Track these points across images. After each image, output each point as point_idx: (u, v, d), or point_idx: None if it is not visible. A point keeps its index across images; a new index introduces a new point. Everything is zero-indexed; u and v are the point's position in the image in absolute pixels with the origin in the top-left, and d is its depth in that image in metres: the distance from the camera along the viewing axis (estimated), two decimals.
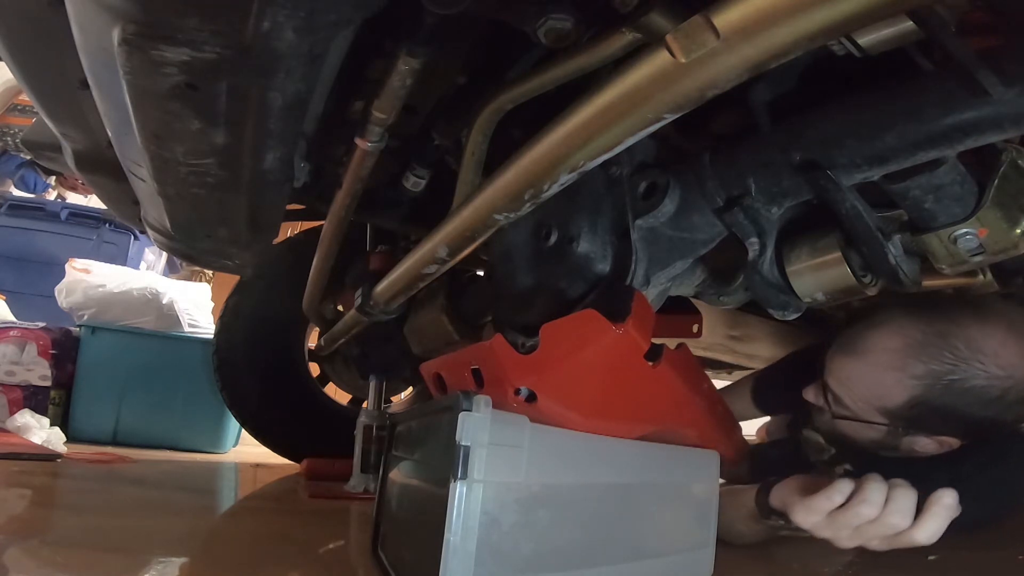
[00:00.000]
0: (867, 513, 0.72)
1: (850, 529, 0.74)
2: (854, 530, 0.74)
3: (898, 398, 0.91)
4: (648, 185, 0.73)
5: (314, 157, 0.95)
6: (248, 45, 0.49)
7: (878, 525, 0.72)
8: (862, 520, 0.73)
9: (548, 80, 0.67)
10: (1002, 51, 0.49)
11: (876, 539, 0.74)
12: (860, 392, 0.95)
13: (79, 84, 0.76)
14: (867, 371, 0.94)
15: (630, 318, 0.65)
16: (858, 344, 0.96)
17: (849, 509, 0.73)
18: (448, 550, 0.56)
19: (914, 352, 0.90)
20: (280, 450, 1.90)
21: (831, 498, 0.74)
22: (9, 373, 2.18)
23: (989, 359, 0.87)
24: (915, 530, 0.71)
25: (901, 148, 0.56)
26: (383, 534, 0.88)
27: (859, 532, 0.74)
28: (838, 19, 0.37)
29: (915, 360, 0.90)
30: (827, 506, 0.75)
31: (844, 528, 0.74)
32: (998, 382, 0.87)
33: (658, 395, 0.72)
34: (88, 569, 0.82)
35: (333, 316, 1.61)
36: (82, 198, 3.78)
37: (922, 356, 0.89)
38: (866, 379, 0.94)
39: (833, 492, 0.75)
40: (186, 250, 1.09)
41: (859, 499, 0.73)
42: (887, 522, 0.72)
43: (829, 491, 0.75)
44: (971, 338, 0.88)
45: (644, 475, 0.75)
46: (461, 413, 0.58)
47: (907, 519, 0.71)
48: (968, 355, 0.87)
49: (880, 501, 0.72)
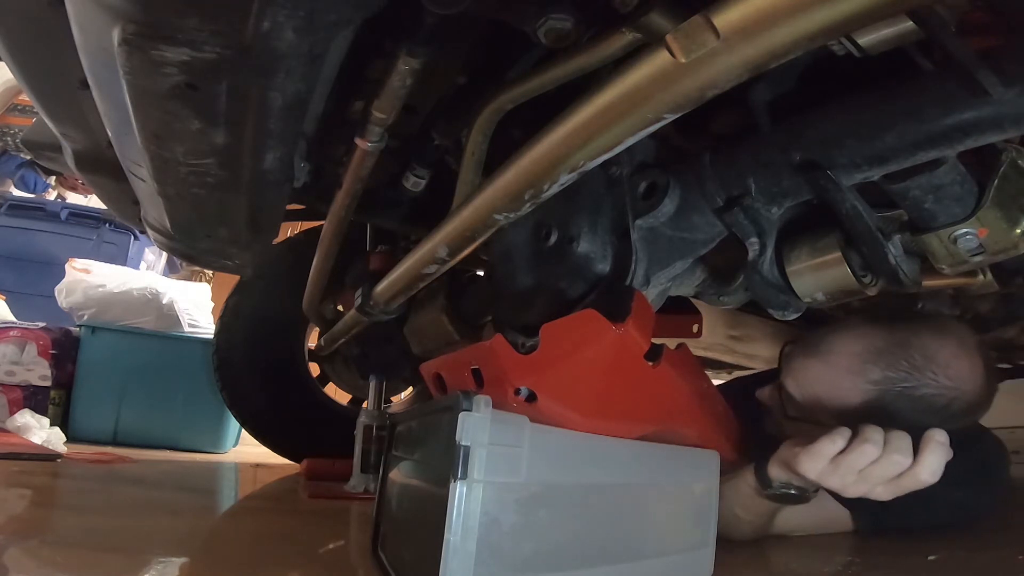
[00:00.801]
0: (870, 452, 0.73)
1: (855, 474, 0.75)
2: (859, 475, 0.75)
3: (852, 401, 0.93)
4: (648, 185, 0.73)
5: (314, 157, 0.95)
6: (248, 45, 0.49)
7: (882, 465, 0.73)
8: (866, 460, 0.74)
9: (548, 80, 0.67)
10: (1002, 51, 0.49)
11: (881, 483, 0.75)
12: (816, 393, 0.97)
13: (79, 84, 0.76)
14: (826, 373, 0.96)
15: (630, 318, 0.65)
16: (820, 346, 0.98)
17: (852, 451, 0.74)
18: (448, 550, 0.56)
19: (874, 357, 0.92)
20: (280, 450, 1.90)
21: (834, 442, 0.75)
22: (9, 373, 2.18)
23: (941, 370, 0.90)
24: (917, 467, 0.72)
25: (901, 148, 0.56)
26: (383, 534, 0.88)
27: (864, 476, 0.75)
28: (838, 19, 0.37)
29: (874, 365, 0.92)
30: (831, 450, 0.75)
31: (849, 473, 0.75)
32: (947, 392, 0.90)
33: (658, 395, 0.72)
34: (88, 569, 0.82)
35: (333, 316, 1.61)
36: (82, 198, 3.78)
37: (880, 362, 0.92)
38: (824, 380, 0.96)
39: (835, 436, 0.76)
40: (186, 250, 1.09)
41: (861, 439, 0.74)
42: (891, 460, 0.73)
43: (831, 436, 0.76)
44: (927, 349, 0.92)
45: (644, 475, 0.75)
46: (461, 413, 0.58)
47: (908, 457, 0.73)
48: (923, 364, 0.91)
49: (880, 441, 0.74)
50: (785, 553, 1.03)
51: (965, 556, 0.63)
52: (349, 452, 1.51)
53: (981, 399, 0.94)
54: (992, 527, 1.08)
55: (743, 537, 0.98)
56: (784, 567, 0.97)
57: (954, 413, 0.91)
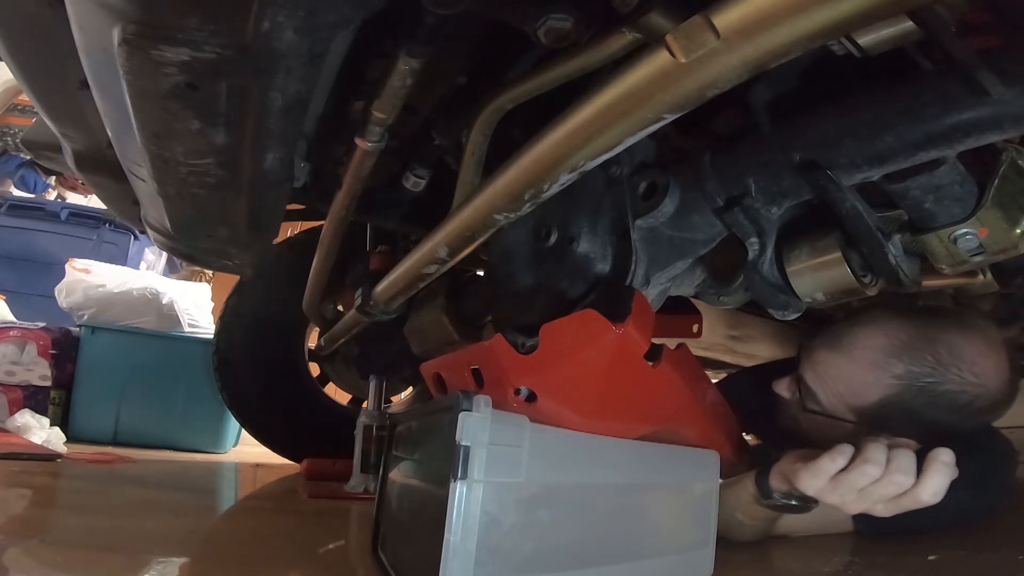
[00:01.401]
0: (872, 472, 0.72)
1: (855, 492, 0.74)
2: (859, 492, 0.73)
3: (873, 396, 0.91)
4: (648, 185, 0.73)
5: (314, 157, 0.95)
6: (248, 45, 0.49)
7: (883, 485, 0.72)
8: (867, 480, 0.72)
9: (548, 80, 0.67)
10: (1002, 51, 0.49)
11: (882, 501, 0.74)
12: (837, 387, 0.96)
13: (79, 84, 0.76)
14: (848, 366, 0.94)
15: (630, 318, 0.65)
16: (843, 340, 0.96)
17: (853, 470, 0.73)
18: (448, 550, 0.56)
19: (898, 352, 0.91)
20: (280, 450, 1.90)
21: (835, 460, 0.74)
22: (9, 373, 2.18)
23: (966, 367, 0.88)
24: (919, 488, 0.71)
25: (901, 148, 0.56)
26: (383, 534, 0.88)
27: (865, 494, 0.73)
28: (838, 19, 0.37)
29: (897, 360, 0.90)
30: (831, 468, 0.74)
31: (850, 491, 0.74)
32: (970, 389, 0.88)
33: (658, 395, 0.72)
34: (88, 569, 0.82)
35: (333, 316, 1.61)
36: (82, 198, 3.78)
37: (904, 357, 0.90)
38: (845, 374, 0.95)
39: (836, 454, 0.75)
40: (186, 250, 1.09)
41: (862, 459, 0.73)
42: (892, 480, 0.72)
43: (832, 454, 0.75)
44: (953, 345, 0.90)
45: (644, 475, 0.75)
46: (461, 413, 0.58)
47: (911, 477, 0.71)
48: (948, 361, 0.89)
49: (883, 460, 0.72)
50: (785, 553, 1.03)
51: (965, 556, 0.63)
52: (349, 452, 1.51)
53: (1003, 398, 0.92)
54: (992, 527, 1.08)
55: (744, 539, 0.98)
56: (784, 567, 0.97)
57: (974, 411, 0.89)
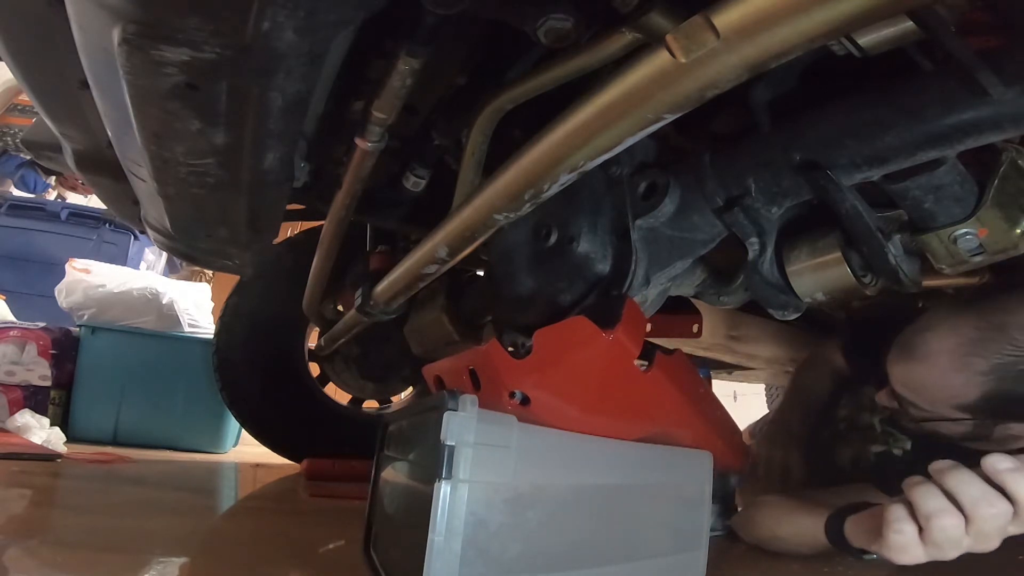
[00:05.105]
0: (951, 522, 0.62)
1: (949, 543, 0.63)
2: (954, 542, 0.63)
3: (971, 395, 0.89)
4: (648, 185, 0.73)
5: (314, 157, 0.95)
6: (248, 45, 0.49)
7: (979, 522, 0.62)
8: (951, 528, 0.62)
9: (548, 80, 0.67)
10: (1002, 51, 0.49)
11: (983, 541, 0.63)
12: (930, 396, 0.93)
13: (79, 84, 0.76)
14: (931, 375, 0.92)
15: (620, 325, 0.65)
16: (915, 350, 0.93)
17: (932, 525, 0.63)
18: (432, 550, 0.55)
19: (973, 349, 0.87)
20: (280, 450, 1.90)
21: (902, 531, 0.64)
22: (9, 373, 2.18)
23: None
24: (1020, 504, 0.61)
25: (901, 148, 0.56)
26: (375, 534, 0.87)
27: (958, 543, 0.63)
28: (838, 19, 0.37)
29: (976, 357, 0.87)
30: (907, 537, 0.64)
31: (943, 545, 0.63)
32: None
33: (650, 400, 0.72)
34: (88, 569, 0.82)
35: (333, 316, 1.61)
36: (82, 198, 3.78)
37: (982, 352, 0.87)
38: (932, 383, 0.92)
39: (898, 522, 0.65)
40: (186, 250, 1.09)
41: (923, 515, 0.63)
42: (986, 515, 0.61)
43: (892, 523, 0.65)
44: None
45: (635, 476, 0.74)
46: (446, 412, 0.57)
47: (997, 499, 0.61)
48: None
49: (945, 503, 0.62)
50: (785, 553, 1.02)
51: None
52: (349, 452, 1.51)
53: None
54: None
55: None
56: (784, 567, 0.97)
57: None
